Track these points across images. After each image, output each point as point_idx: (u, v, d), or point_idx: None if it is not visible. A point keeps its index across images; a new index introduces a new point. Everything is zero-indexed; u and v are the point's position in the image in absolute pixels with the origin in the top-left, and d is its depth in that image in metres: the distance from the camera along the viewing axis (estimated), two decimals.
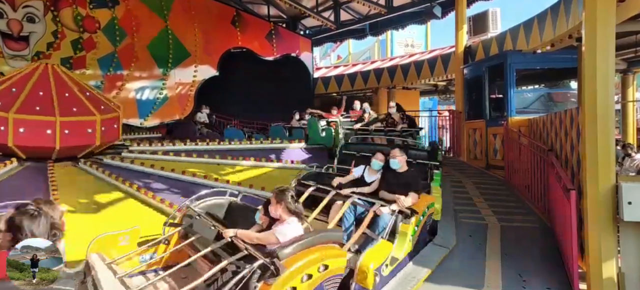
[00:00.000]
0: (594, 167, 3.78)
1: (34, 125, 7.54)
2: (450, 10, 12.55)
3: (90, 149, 8.24)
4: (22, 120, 7.46)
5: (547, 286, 4.14)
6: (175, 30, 12.77)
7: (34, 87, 7.87)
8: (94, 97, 8.64)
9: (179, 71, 12.96)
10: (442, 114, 13.64)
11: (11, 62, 10.61)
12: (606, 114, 3.75)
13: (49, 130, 7.59)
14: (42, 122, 7.57)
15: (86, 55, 11.62)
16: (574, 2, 7.50)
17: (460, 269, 4.50)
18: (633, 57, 10.02)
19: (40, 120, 7.56)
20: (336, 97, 16.47)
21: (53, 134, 7.60)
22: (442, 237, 5.20)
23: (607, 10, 3.78)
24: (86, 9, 11.49)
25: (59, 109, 7.68)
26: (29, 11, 10.83)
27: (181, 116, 12.93)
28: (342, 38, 18.84)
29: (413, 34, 23.50)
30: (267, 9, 16.23)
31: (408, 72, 14.66)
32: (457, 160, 10.52)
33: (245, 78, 14.32)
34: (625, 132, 11.32)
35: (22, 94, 7.69)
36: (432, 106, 19.12)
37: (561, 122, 5.82)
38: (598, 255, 3.73)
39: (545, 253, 4.91)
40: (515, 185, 7.65)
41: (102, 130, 8.11)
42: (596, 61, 3.76)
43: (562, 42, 8.35)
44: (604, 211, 3.72)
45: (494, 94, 9.91)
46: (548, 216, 5.90)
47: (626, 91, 11.51)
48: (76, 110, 7.98)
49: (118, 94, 11.87)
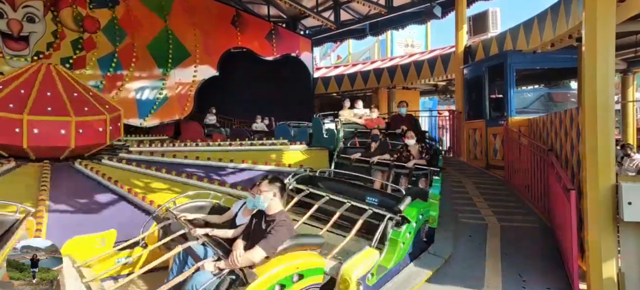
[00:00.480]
0: (594, 167, 3.78)
1: (48, 126, 7.59)
2: (450, 10, 12.56)
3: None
4: (37, 121, 7.51)
5: (547, 286, 4.14)
6: (175, 30, 12.77)
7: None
8: (98, 97, 8.78)
9: (179, 71, 12.95)
10: (442, 114, 13.64)
11: (11, 62, 10.60)
12: (606, 114, 3.75)
13: (64, 130, 7.66)
14: (57, 122, 7.65)
15: (86, 55, 11.61)
16: (574, 2, 7.50)
17: (460, 269, 4.50)
18: (633, 57, 10.02)
19: (55, 121, 7.64)
20: None
21: (68, 133, 7.68)
22: (438, 245, 4.98)
23: (607, 10, 3.78)
24: (86, 9, 11.48)
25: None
26: (29, 11, 10.82)
27: (181, 116, 12.92)
28: (342, 38, 18.84)
29: (413, 34, 23.51)
30: (267, 9, 16.24)
31: (408, 72, 14.67)
32: (457, 160, 10.52)
33: (245, 78, 14.33)
34: (625, 132, 11.32)
35: (31, 95, 7.73)
36: (432, 106, 19.12)
37: (561, 122, 5.82)
38: (598, 255, 3.73)
39: (545, 253, 4.91)
40: (515, 185, 7.65)
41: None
42: (596, 61, 3.76)
43: (562, 42, 8.35)
44: (604, 211, 3.72)
45: (494, 94, 9.91)
46: (548, 216, 5.90)
47: (626, 91, 11.52)
48: (87, 109, 8.09)
49: (118, 94, 11.87)
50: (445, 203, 6.06)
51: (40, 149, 7.72)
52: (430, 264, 4.54)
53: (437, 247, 4.93)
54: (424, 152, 6.57)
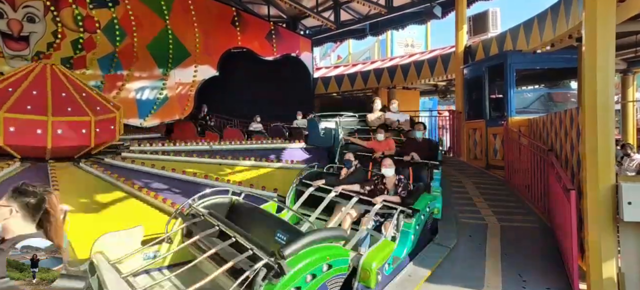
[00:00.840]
0: (594, 167, 3.78)
1: (24, 125, 7.45)
2: (450, 10, 12.55)
3: (86, 150, 8.17)
4: (13, 119, 7.39)
5: (547, 286, 4.14)
6: (175, 30, 12.77)
7: (29, 86, 7.82)
8: (91, 98, 8.52)
9: (179, 71, 12.94)
10: (442, 114, 13.64)
11: (11, 62, 10.59)
12: (606, 114, 3.75)
13: (40, 129, 7.49)
14: (33, 121, 7.48)
15: (86, 55, 11.61)
16: (574, 2, 7.50)
17: (461, 269, 4.50)
18: (633, 57, 10.02)
19: (30, 120, 7.48)
20: None
21: (44, 133, 7.51)
22: (443, 236, 5.25)
23: (607, 10, 3.78)
24: (86, 9, 11.47)
25: (52, 108, 7.61)
26: (29, 11, 10.82)
27: (181, 116, 12.93)
28: (342, 38, 18.83)
29: (413, 34, 23.51)
30: (267, 9, 16.23)
31: (408, 72, 14.67)
32: (457, 160, 10.52)
33: (245, 78, 14.31)
34: (625, 132, 11.32)
35: (15, 92, 7.63)
36: (432, 106, 19.12)
37: (561, 122, 5.82)
38: (598, 255, 3.73)
39: (545, 253, 4.91)
40: (515, 185, 7.65)
41: (96, 131, 8.04)
42: (596, 61, 3.76)
43: (562, 42, 8.35)
44: (604, 211, 3.72)
45: (494, 94, 9.91)
46: (548, 216, 5.91)
47: (626, 91, 11.52)
48: (70, 110, 7.88)
49: (118, 94, 11.86)
50: (446, 203, 6.08)
51: (18, 147, 7.61)
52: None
53: (441, 238, 5.24)
54: (400, 187, 5.11)
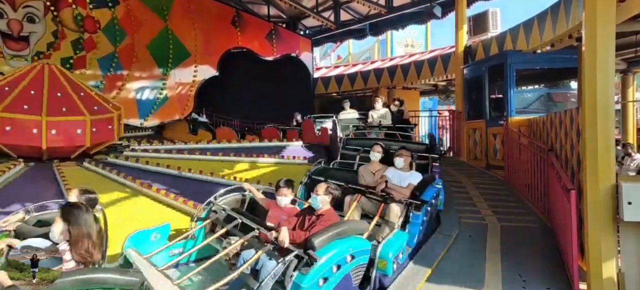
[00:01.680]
0: (594, 167, 3.78)
1: (19, 124, 7.48)
2: (450, 10, 12.55)
3: (81, 150, 8.14)
4: (9, 119, 7.41)
5: (547, 286, 4.14)
6: (175, 30, 12.78)
7: (26, 86, 7.82)
8: (89, 98, 8.50)
9: (179, 71, 12.97)
10: (442, 114, 13.64)
11: (11, 62, 10.62)
12: (606, 114, 3.75)
13: (35, 129, 7.51)
14: (28, 121, 7.50)
15: (86, 55, 11.62)
16: (574, 2, 7.50)
17: (460, 269, 4.50)
18: (633, 57, 10.03)
19: (26, 119, 7.50)
20: None
21: (39, 133, 7.52)
22: (446, 226, 5.48)
23: (607, 10, 3.77)
24: (86, 9, 11.48)
25: (47, 108, 7.61)
26: (29, 11, 10.83)
27: (181, 116, 12.96)
28: (342, 38, 18.84)
29: (413, 34, 23.50)
30: (267, 9, 16.23)
31: (408, 72, 14.67)
32: (457, 160, 10.52)
33: (245, 78, 14.32)
34: (625, 132, 11.32)
35: (12, 92, 7.64)
36: (432, 106, 19.12)
37: (561, 122, 5.82)
38: (598, 255, 3.73)
39: (545, 253, 4.91)
40: (515, 185, 7.64)
41: (92, 131, 8.02)
42: (596, 61, 3.76)
43: (562, 42, 8.36)
44: (604, 211, 3.72)
45: (494, 94, 9.91)
46: (548, 216, 5.90)
47: (626, 91, 11.52)
48: (65, 110, 7.86)
49: (118, 94, 11.88)
50: (446, 203, 6.12)
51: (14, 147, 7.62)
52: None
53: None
54: None
